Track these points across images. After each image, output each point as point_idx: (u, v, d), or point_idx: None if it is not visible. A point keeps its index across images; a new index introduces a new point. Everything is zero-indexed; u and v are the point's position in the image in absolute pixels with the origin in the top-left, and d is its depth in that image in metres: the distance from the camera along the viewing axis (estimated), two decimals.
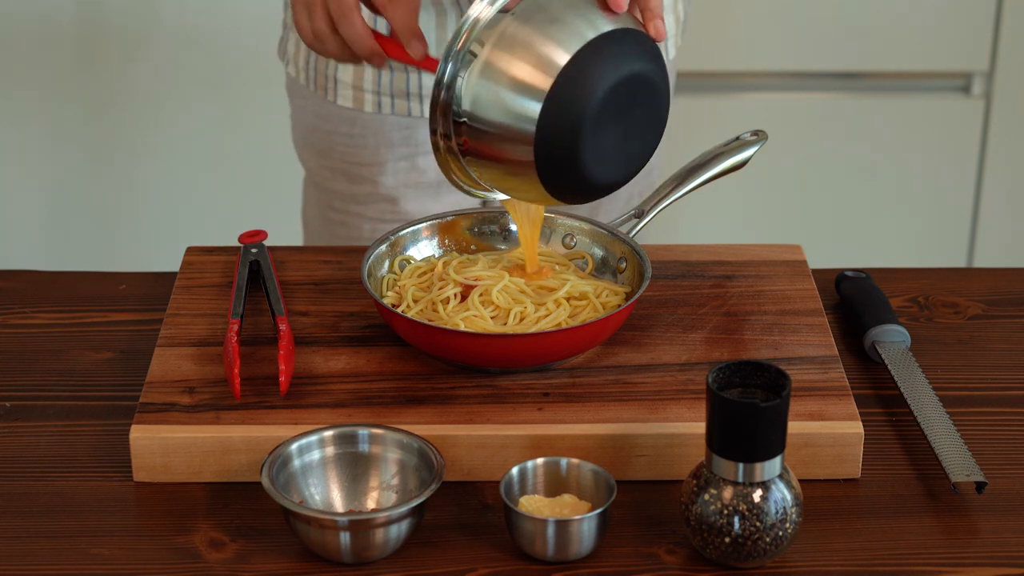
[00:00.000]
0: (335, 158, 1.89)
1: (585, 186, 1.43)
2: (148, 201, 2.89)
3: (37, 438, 1.45)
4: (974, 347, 1.59)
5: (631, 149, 1.45)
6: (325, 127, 1.89)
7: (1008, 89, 2.84)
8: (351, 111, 1.86)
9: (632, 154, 1.45)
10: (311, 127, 1.91)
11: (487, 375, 1.46)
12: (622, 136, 1.42)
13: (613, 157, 1.43)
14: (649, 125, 1.45)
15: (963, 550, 1.33)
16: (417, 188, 1.89)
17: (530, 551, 1.31)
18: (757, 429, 1.26)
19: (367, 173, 1.88)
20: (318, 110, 1.88)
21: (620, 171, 1.45)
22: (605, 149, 1.41)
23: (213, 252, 1.66)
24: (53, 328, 1.61)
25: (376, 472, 1.37)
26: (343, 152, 1.88)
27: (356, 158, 1.88)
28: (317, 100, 1.88)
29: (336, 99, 1.85)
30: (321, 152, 1.91)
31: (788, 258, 1.65)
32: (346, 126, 1.87)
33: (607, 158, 1.42)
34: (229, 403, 1.42)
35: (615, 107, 1.40)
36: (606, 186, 1.45)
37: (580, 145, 1.39)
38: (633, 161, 1.46)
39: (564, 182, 1.42)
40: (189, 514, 1.36)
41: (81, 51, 2.77)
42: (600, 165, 1.42)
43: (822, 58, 2.82)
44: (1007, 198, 2.92)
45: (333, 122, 1.88)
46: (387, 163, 1.87)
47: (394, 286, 1.55)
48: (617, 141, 1.42)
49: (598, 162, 1.41)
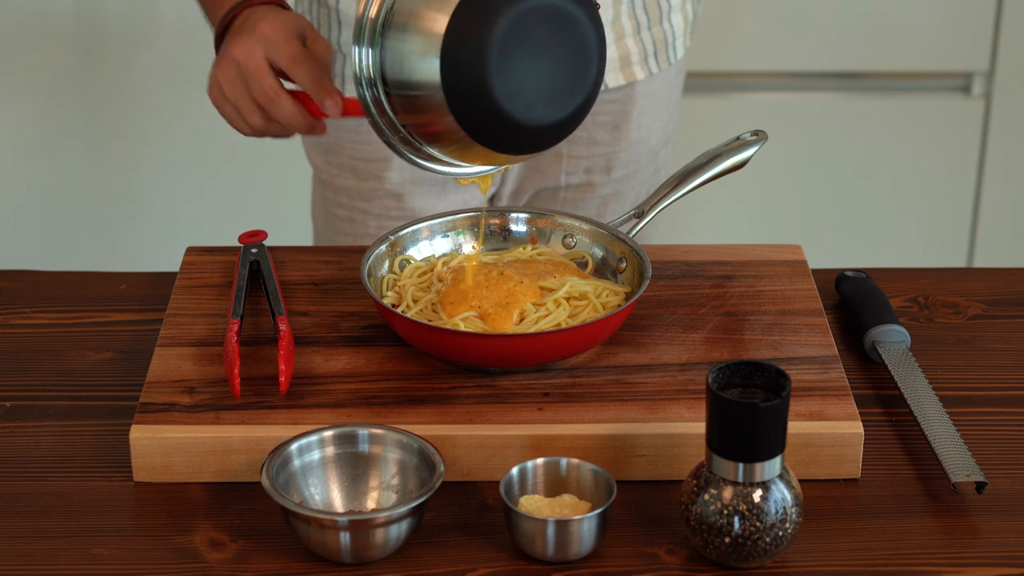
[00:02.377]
0: (342, 155, 1.90)
1: (508, 125, 1.39)
2: (148, 201, 2.89)
3: (37, 438, 1.45)
4: (974, 347, 1.59)
5: (557, 87, 1.40)
6: (332, 124, 1.88)
7: (1008, 89, 2.84)
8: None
9: (560, 92, 1.41)
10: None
11: (487, 375, 1.46)
12: (543, 73, 1.39)
13: (534, 93, 1.39)
14: (577, 63, 1.41)
15: (963, 550, 1.33)
16: (423, 185, 1.89)
17: (530, 551, 1.31)
18: (757, 429, 1.26)
19: (373, 169, 1.88)
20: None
21: (548, 110, 1.40)
22: (520, 84, 1.38)
23: (213, 252, 1.66)
24: (53, 328, 1.61)
25: (376, 472, 1.37)
26: (350, 148, 1.89)
27: (362, 154, 1.88)
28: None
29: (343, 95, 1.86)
30: (328, 149, 1.91)
31: (788, 258, 1.65)
32: (353, 122, 1.87)
33: (525, 94, 1.38)
34: (229, 403, 1.42)
35: (524, 40, 1.37)
36: (535, 128, 1.40)
37: (485, 76, 1.36)
38: (564, 101, 1.41)
39: (483, 123, 1.39)
40: (189, 514, 1.36)
41: (81, 51, 2.77)
42: (517, 101, 1.38)
43: (822, 58, 2.82)
44: (1007, 198, 2.92)
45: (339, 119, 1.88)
46: (393, 159, 1.87)
47: (394, 286, 1.55)
48: (537, 77, 1.39)
49: (512, 97, 1.38)
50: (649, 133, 1.92)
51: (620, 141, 1.90)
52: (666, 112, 1.94)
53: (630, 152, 1.92)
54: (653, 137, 1.93)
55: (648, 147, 1.93)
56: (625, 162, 1.92)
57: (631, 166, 1.93)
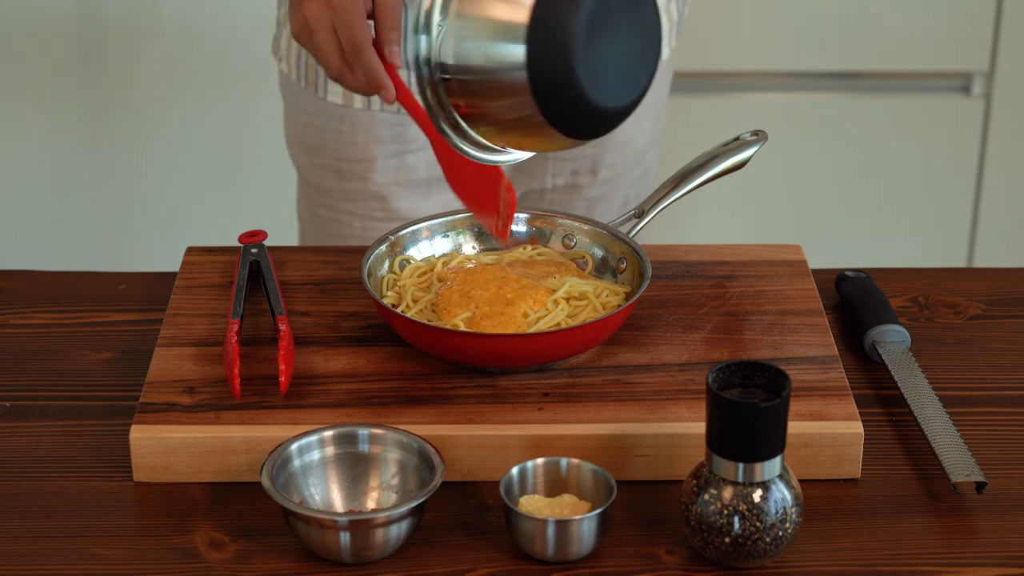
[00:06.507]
0: (326, 155, 1.89)
1: (587, 109, 1.40)
2: (148, 201, 2.89)
3: (37, 438, 1.45)
4: (974, 347, 1.59)
5: (629, 70, 1.42)
6: (316, 123, 1.88)
7: (1008, 89, 2.84)
8: (341, 107, 1.85)
9: (630, 75, 1.42)
10: (302, 124, 1.91)
11: (487, 375, 1.46)
12: (618, 56, 1.40)
13: (611, 76, 1.40)
14: (644, 44, 1.42)
15: (963, 550, 1.33)
16: (407, 186, 1.88)
17: (530, 551, 1.31)
18: (757, 429, 1.26)
19: (357, 170, 1.88)
20: (309, 107, 1.88)
21: (622, 93, 1.42)
22: (600, 67, 1.39)
23: (213, 252, 1.66)
24: (53, 328, 1.61)
25: (376, 472, 1.37)
26: (333, 149, 1.88)
27: (346, 155, 1.88)
28: (308, 96, 1.88)
29: (326, 95, 1.85)
30: (312, 149, 1.90)
31: (788, 258, 1.65)
32: (336, 123, 1.87)
33: (603, 77, 1.39)
34: (229, 403, 1.42)
35: (604, 22, 1.37)
36: (609, 111, 1.41)
37: (571, 58, 1.37)
38: (633, 84, 1.42)
39: (564, 106, 1.39)
40: (189, 514, 1.36)
41: (81, 51, 2.77)
42: (598, 84, 1.39)
43: (822, 58, 2.82)
44: (1007, 198, 2.92)
45: (323, 119, 1.87)
46: (377, 160, 1.87)
47: (394, 286, 1.55)
48: (613, 60, 1.40)
49: (595, 80, 1.38)
50: (635, 134, 1.92)
51: (606, 143, 1.90)
52: (653, 113, 1.93)
53: (616, 154, 1.92)
54: (639, 139, 1.93)
55: (634, 148, 1.93)
56: (611, 164, 1.92)
57: (617, 168, 1.93)
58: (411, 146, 1.87)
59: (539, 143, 1.47)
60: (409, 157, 1.87)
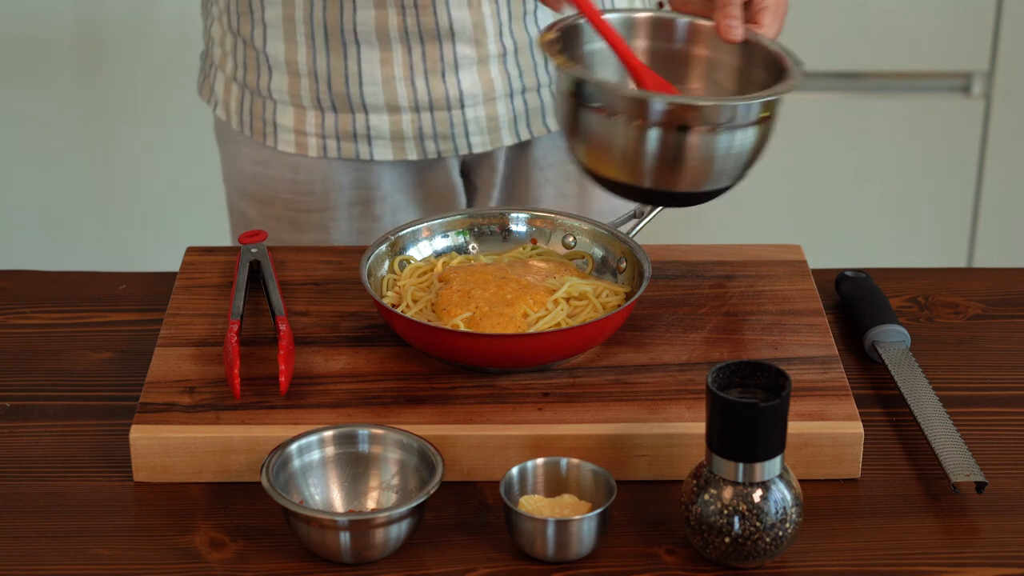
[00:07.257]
0: (278, 206, 1.78)
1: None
2: (148, 201, 2.89)
3: (37, 438, 1.45)
4: (974, 347, 1.59)
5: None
6: (266, 174, 1.76)
7: (1008, 89, 2.84)
8: (294, 156, 1.75)
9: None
10: (249, 174, 1.79)
11: (487, 375, 1.46)
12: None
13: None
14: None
15: (963, 550, 1.33)
16: (373, 235, 1.79)
17: (530, 551, 1.31)
18: (757, 429, 1.26)
19: (317, 220, 1.77)
20: (256, 156, 1.77)
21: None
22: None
23: (213, 252, 1.66)
24: (53, 328, 1.61)
25: (376, 472, 1.37)
26: (287, 200, 1.77)
27: (302, 205, 1.77)
28: (255, 145, 1.76)
29: (276, 144, 1.74)
30: (262, 200, 1.78)
31: (788, 258, 1.65)
32: (290, 172, 1.75)
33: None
34: (229, 403, 1.42)
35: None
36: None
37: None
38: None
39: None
40: (189, 514, 1.36)
41: (81, 51, 2.77)
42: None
43: (822, 58, 2.82)
44: (1007, 198, 2.92)
45: (275, 168, 1.76)
46: (338, 208, 1.76)
47: (394, 286, 1.55)
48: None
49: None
50: None
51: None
52: None
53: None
54: None
55: None
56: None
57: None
58: (375, 193, 1.77)
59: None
60: (375, 205, 1.78)
